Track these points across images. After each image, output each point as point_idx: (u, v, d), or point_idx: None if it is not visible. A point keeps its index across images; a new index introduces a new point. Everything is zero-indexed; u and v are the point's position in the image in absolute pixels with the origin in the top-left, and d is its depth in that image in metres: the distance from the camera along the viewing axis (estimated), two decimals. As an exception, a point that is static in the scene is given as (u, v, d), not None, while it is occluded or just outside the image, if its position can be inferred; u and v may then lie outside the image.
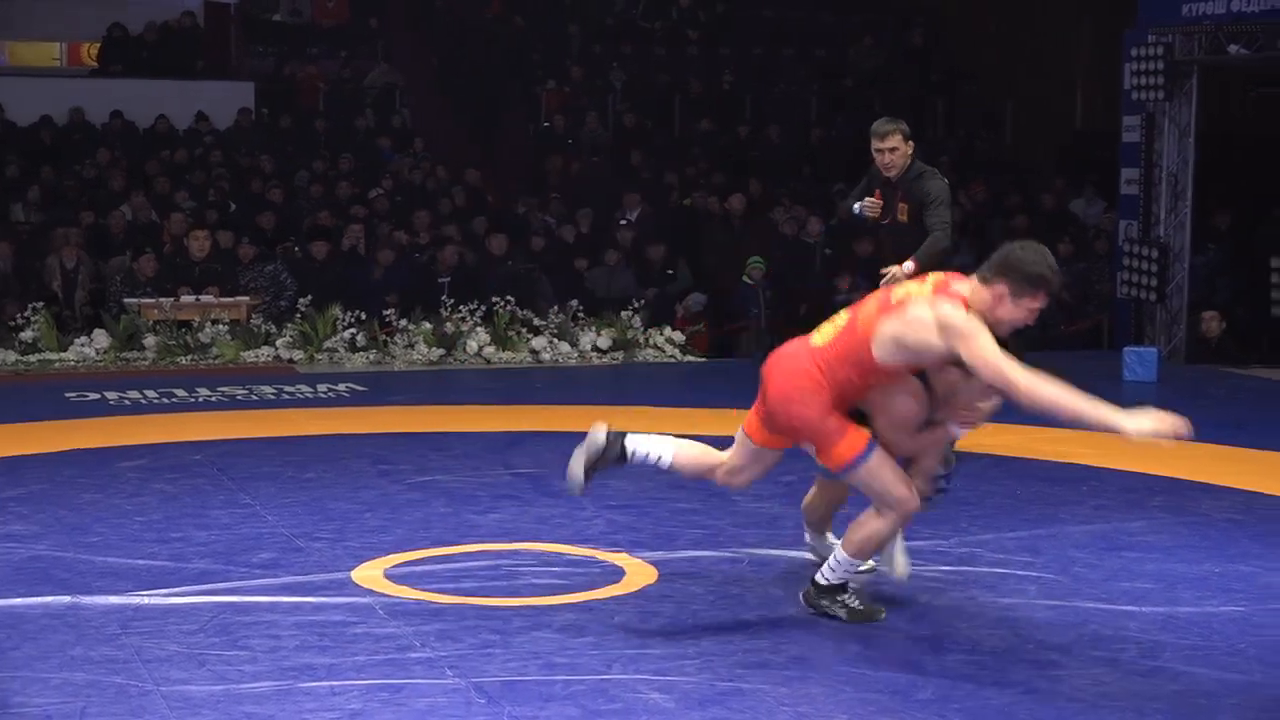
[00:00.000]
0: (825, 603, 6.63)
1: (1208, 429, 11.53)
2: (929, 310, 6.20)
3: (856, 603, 6.65)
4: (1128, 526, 8.47)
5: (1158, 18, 16.17)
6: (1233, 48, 15.25)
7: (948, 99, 21.84)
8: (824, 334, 6.52)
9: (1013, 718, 5.62)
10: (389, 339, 14.80)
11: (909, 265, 9.09)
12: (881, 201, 9.69)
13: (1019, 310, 6.26)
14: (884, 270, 9.33)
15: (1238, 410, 12.64)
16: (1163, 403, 12.89)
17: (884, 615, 6.71)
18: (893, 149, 9.47)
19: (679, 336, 15.35)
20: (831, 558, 6.67)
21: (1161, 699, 5.83)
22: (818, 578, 6.68)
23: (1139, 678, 6.05)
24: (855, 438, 6.39)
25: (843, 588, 6.68)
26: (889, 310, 6.34)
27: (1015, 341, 7.54)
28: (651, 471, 6.92)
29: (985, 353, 6.05)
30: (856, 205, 9.92)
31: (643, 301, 15.56)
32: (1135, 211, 16.44)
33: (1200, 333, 15.58)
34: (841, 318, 6.57)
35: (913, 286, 6.51)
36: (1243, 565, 7.66)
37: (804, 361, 6.44)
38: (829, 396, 6.35)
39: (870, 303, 6.54)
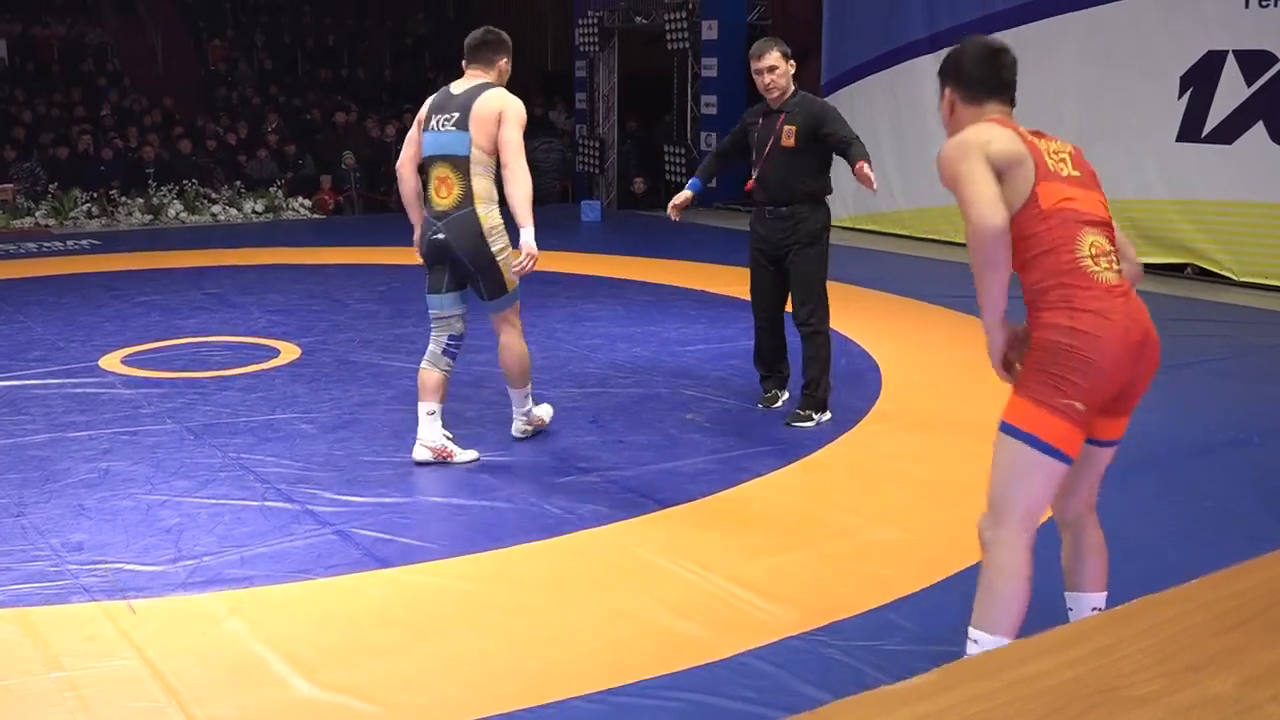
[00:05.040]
0: None
1: (627, 246, 11.94)
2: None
3: None
4: (585, 307, 8.67)
5: (594, 2, 16.23)
6: (638, 19, 15.47)
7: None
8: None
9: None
10: (114, 209, 13.85)
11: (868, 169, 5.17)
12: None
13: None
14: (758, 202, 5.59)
15: (646, 235, 13.04)
16: (606, 233, 13.41)
17: None
18: (771, 68, 5.45)
19: (307, 202, 14.86)
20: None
21: (608, 402, 6.00)
22: None
23: (593, 390, 6.24)
24: None
25: None
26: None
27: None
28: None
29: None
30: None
31: (283, 181, 14.99)
32: (585, 119, 16.64)
33: (631, 190, 15.94)
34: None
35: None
36: (653, 327, 7.95)
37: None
38: None
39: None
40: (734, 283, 8.92)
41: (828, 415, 5.65)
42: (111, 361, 6.92)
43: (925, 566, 3.94)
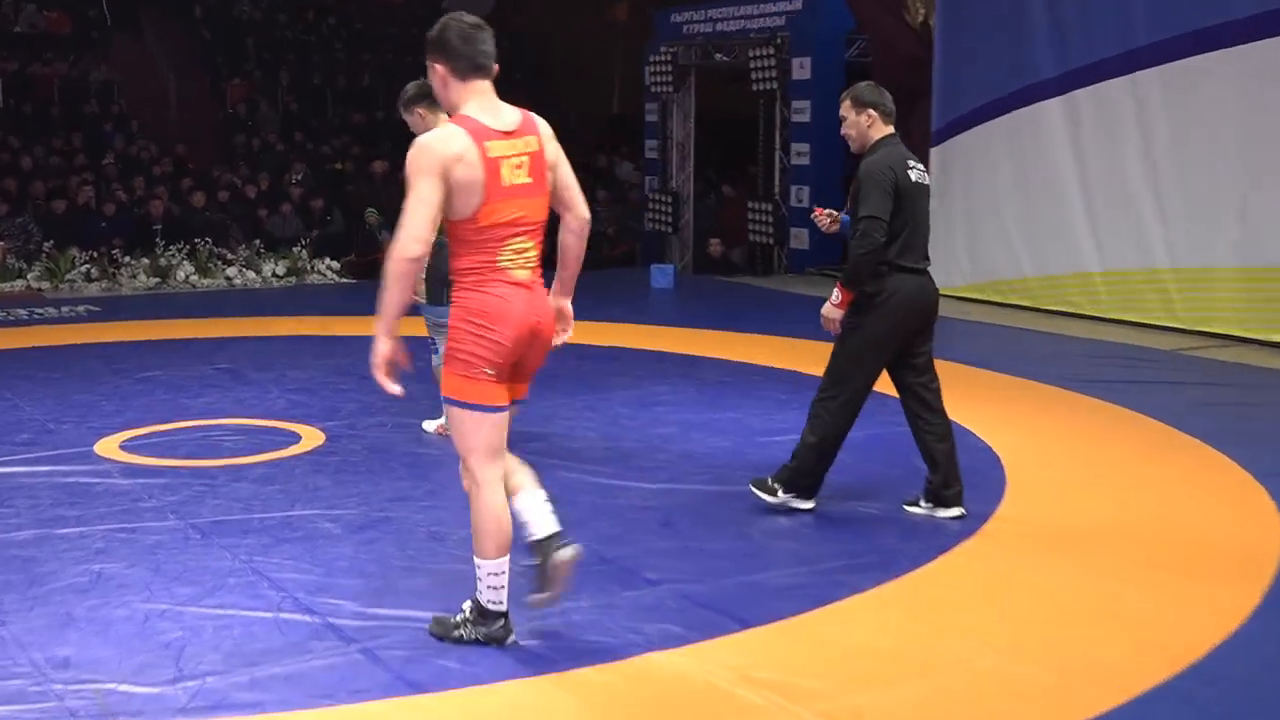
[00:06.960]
0: None
1: (708, 319, 11.95)
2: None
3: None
4: (655, 389, 8.67)
5: (667, 35, 16.50)
6: (718, 55, 15.67)
7: (525, 94, 21.84)
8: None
9: (603, 512, 5.73)
10: (116, 271, 14.17)
11: (835, 294, 5.51)
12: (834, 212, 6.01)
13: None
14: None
15: (727, 305, 13.06)
16: (679, 302, 13.47)
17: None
18: (841, 119, 5.65)
19: (335, 264, 15.11)
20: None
21: (681, 502, 5.99)
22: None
23: (664, 487, 6.23)
24: None
25: None
26: None
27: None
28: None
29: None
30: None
31: (308, 240, 15.29)
32: (657, 170, 16.84)
33: (707, 253, 16.05)
34: None
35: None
36: (731, 413, 7.93)
37: None
38: None
39: None
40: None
41: (807, 505, 5.77)
42: (108, 447, 7.02)
43: (1055, 706, 3.85)
